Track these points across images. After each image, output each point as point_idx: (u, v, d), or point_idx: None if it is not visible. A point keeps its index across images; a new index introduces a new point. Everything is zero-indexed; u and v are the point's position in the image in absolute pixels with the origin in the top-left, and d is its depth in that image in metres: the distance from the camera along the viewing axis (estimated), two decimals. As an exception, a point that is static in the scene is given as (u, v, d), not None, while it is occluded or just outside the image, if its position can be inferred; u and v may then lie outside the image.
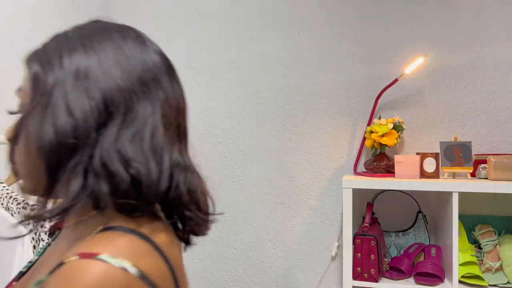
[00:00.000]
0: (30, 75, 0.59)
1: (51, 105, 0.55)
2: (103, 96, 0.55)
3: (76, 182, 0.53)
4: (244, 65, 2.15)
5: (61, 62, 0.57)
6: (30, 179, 0.61)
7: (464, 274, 1.59)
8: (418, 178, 1.69)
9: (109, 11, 2.33)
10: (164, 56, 0.67)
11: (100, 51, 0.58)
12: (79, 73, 0.56)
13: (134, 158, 0.54)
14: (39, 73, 0.57)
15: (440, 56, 1.91)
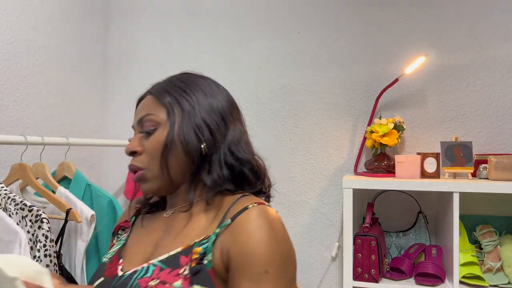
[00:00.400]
0: (163, 103, 0.88)
1: (192, 123, 0.85)
2: (220, 116, 0.88)
3: (217, 173, 0.84)
4: (244, 65, 2.14)
5: (190, 96, 0.87)
6: (159, 179, 0.86)
7: (464, 275, 1.59)
8: (418, 178, 1.68)
9: (109, 11, 2.33)
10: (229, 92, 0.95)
11: (209, 91, 0.90)
12: (203, 103, 0.87)
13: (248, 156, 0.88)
14: (172, 103, 0.87)
15: (440, 56, 1.90)
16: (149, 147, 0.86)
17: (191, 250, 0.77)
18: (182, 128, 0.84)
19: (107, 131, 2.32)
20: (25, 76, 1.77)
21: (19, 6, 1.73)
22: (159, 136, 0.85)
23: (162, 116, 0.87)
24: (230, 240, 0.76)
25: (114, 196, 1.47)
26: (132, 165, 0.87)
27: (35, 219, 1.09)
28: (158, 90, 0.91)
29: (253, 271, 0.73)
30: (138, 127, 0.91)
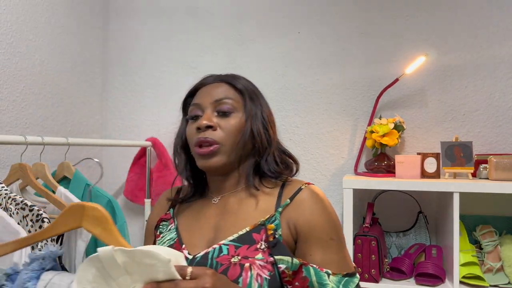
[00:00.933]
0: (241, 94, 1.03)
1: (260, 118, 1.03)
2: (273, 118, 1.10)
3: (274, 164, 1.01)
4: (244, 65, 2.14)
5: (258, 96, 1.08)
6: (229, 155, 0.97)
7: (465, 275, 1.59)
8: (419, 178, 1.68)
9: (109, 11, 2.33)
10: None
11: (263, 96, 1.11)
12: (265, 104, 1.08)
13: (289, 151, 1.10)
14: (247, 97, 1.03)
15: (441, 55, 1.90)
16: (226, 126, 0.97)
17: (261, 228, 0.91)
18: (255, 120, 1.00)
19: (107, 131, 2.32)
20: (25, 76, 1.76)
21: (19, 6, 1.73)
22: (236, 119, 0.99)
23: (240, 104, 1.01)
24: (296, 216, 0.92)
25: (113, 196, 1.47)
26: (208, 138, 0.95)
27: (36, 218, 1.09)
28: (232, 81, 1.04)
29: (321, 239, 0.90)
30: (213, 106, 0.99)
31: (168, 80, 2.24)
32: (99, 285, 0.74)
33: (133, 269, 0.73)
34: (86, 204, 0.79)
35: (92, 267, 0.74)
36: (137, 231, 2.25)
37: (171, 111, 2.23)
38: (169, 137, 2.22)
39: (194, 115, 1.01)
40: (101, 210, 0.79)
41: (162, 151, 2.15)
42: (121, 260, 0.73)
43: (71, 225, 0.81)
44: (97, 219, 0.79)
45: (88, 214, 0.79)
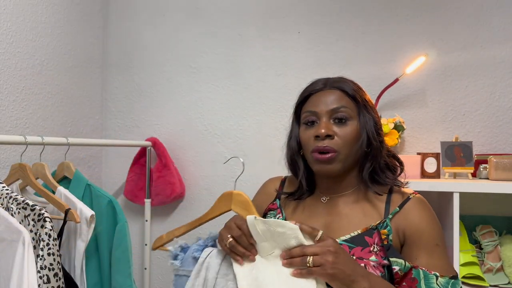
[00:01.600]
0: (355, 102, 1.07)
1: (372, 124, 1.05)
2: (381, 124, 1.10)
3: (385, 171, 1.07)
4: (244, 65, 2.14)
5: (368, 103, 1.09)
6: (345, 162, 1.03)
7: (465, 275, 1.59)
8: (419, 178, 1.68)
9: (109, 11, 2.33)
10: None
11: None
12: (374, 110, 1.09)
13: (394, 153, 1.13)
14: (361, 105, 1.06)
15: (441, 55, 1.91)
16: (344, 134, 1.03)
17: (373, 232, 1.00)
18: (370, 126, 1.05)
19: (107, 131, 2.32)
20: (25, 76, 1.76)
21: (19, 6, 1.73)
22: (352, 127, 1.04)
23: (354, 112, 1.05)
24: (404, 223, 1.00)
25: (114, 196, 1.47)
26: (327, 146, 1.02)
27: (38, 218, 1.09)
28: (344, 87, 1.08)
29: (427, 244, 0.99)
30: (329, 115, 1.05)
31: (168, 80, 2.24)
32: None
33: (269, 237, 0.93)
34: (234, 192, 1.04)
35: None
36: (137, 231, 2.25)
37: (171, 111, 2.23)
38: (169, 137, 2.22)
39: (310, 121, 1.08)
40: (244, 195, 1.03)
41: (162, 151, 2.15)
42: (260, 228, 0.93)
43: (223, 208, 1.07)
44: (242, 203, 1.03)
45: (235, 199, 1.04)
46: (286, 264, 0.90)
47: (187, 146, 2.21)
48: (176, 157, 2.20)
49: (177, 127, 2.23)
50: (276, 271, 0.92)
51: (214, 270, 1.00)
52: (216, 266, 1.00)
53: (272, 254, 0.94)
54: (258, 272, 0.93)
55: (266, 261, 0.94)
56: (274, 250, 0.93)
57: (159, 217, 2.24)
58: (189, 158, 2.21)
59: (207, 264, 1.02)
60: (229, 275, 0.99)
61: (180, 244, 1.11)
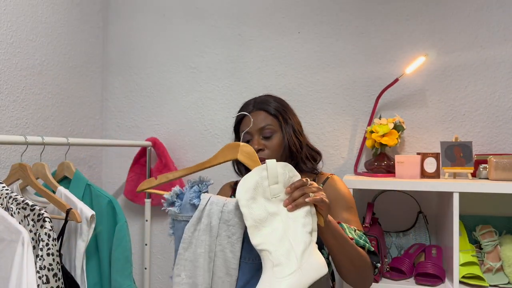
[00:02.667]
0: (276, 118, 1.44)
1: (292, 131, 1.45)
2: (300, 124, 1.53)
3: (308, 163, 1.47)
4: (244, 65, 2.14)
5: (288, 114, 1.47)
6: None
7: (464, 275, 1.59)
8: (418, 178, 1.68)
9: (109, 11, 2.33)
10: None
11: (291, 109, 1.52)
12: (294, 117, 1.49)
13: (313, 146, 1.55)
14: (281, 118, 1.44)
15: (441, 55, 1.91)
16: (271, 145, 1.40)
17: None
18: (289, 134, 1.42)
19: (107, 131, 2.32)
20: (25, 76, 1.76)
21: (19, 6, 1.73)
22: (276, 139, 1.42)
23: (276, 126, 1.43)
24: (328, 194, 1.22)
25: (114, 196, 1.47)
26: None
27: (37, 218, 1.09)
28: (267, 108, 1.44)
29: (344, 206, 1.35)
30: (258, 133, 1.41)
31: (168, 80, 2.24)
32: (258, 188, 1.05)
33: (281, 179, 1.06)
34: (241, 143, 1.13)
35: (257, 175, 1.06)
36: (137, 231, 2.26)
37: (171, 111, 2.24)
38: (169, 137, 2.22)
39: (246, 140, 1.43)
40: (250, 147, 1.13)
41: (162, 151, 2.15)
42: (279, 171, 1.06)
43: (228, 157, 1.14)
44: (248, 153, 1.13)
45: (242, 150, 1.13)
46: (292, 208, 1.04)
47: (187, 146, 2.21)
48: (176, 157, 2.20)
49: (177, 127, 2.23)
50: (279, 210, 1.05)
51: (217, 217, 1.08)
52: (218, 213, 1.08)
53: (278, 197, 1.06)
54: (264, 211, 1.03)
55: (271, 203, 1.05)
56: (280, 193, 1.06)
57: (159, 217, 2.24)
58: (189, 158, 2.21)
59: (208, 211, 1.09)
60: (230, 221, 1.07)
61: (175, 190, 1.14)
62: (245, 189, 1.04)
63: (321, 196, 1.06)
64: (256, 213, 1.02)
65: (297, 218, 1.03)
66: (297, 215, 1.04)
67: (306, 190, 1.05)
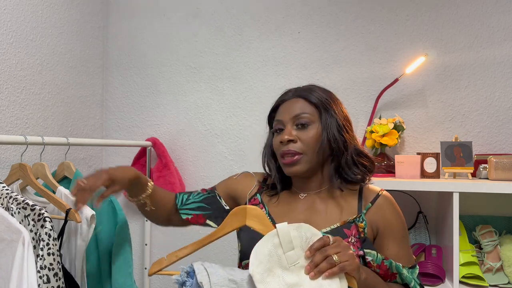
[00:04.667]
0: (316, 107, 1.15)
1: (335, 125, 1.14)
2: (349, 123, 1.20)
3: (354, 169, 1.15)
4: (244, 65, 2.14)
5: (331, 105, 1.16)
6: (310, 162, 1.12)
7: (464, 275, 1.59)
8: (418, 178, 1.68)
9: (109, 11, 2.33)
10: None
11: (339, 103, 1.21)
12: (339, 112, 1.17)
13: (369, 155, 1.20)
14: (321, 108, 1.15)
15: (441, 56, 1.91)
16: (305, 138, 1.12)
17: (351, 225, 1.10)
18: (331, 127, 1.13)
19: (107, 131, 2.32)
20: (25, 76, 1.76)
21: (19, 6, 1.73)
22: (313, 130, 1.13)
23: (315, 116, 1.15)
24: (378, 218, 1.12)
25: (114, 196, 1.47)
26: (291, 150, 1.11)
27: (38, 218, 1.09)
28: (307, 95, 1.17)
29: (397, 236, 1.13)
30: (292, 122, 1.15)
31: (168, 80, 2.24)
32: (272, 257, 0.93)
33: (298, 244, 0.93)
34: (248, 207, 1.02)
35: (269, 242, 0.94)
36: (137, 231, 2.26)
37: (171, 111, 2.24)
38: (169, 137, 2.22)
39: (277, 128, 1.18)
40: (258, 209, 1.02)
41: (162, 151, 2.15)
42: (293, 234, 0.93)
43: (236, 224, 1.03)
44: (257, 217, 1.01)
45: (250, 213, 1.01)
46: (315, 275, 0.91)
47: (187, 146, 2.21)
48: (176, 157, 2.20)
49: (177, 127, 2.23)
50: (301, 280, 0.92)
51: None
52: None
53: (297, 264, 0.93)
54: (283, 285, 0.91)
55: (290, 273, 0.92)
56: (299, 259, 0.93)
57: (159, 217, 2.24)
58: (189, 158, 2.21)
59: None
60: None
61: (185, 269, 1.02)
62: (258, 260, 0.92)
63: (348, 259, 0.92)
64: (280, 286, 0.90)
65: (324, 287, 0.90)
66: (323, 284, 0.91)
67: (330, 251, 0.91)
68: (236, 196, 1.27)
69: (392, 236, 1.13)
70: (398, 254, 1.12)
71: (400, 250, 1.13)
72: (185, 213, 1.26)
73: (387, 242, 1.12)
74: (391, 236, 1.13)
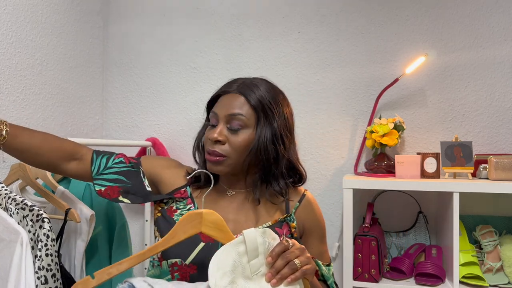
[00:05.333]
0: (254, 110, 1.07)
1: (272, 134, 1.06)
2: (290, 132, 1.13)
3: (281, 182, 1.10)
4: (244, 65, 2.14)
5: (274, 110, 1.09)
6: (233, 167, 1.07)
7: (464, 275, 1.59)
8: (418, 178, 1.68)
9: (109, 11, 2.33)
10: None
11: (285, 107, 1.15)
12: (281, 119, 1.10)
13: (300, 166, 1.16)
14: (261, 112, 1.06)
15: (441, 55, 1.90)
16: (234, 142, 1.05)
17: (282, 224, 1.09)
18: (265, 137, 1.05)
19: (107, 131, 2.32)
20: (25, 76, 1.76)
21: (19, 6, 1.73)
22: (245, 135, 1.06)
23: (251, 120, 1.06)
24: (305, 217, 1.13)
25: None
26: (216, 151, 1.05)
27: (36, 218, 1.09)
28: (250, 94, 1.08)
29: (319, 234, 1.15)
30: (226, 120, 1.06)
31: (168, 80, 2.24)
32: (237, 268, 0.86)
33: (261, 250, 0.88)
34: (204, 211, 0.91)
35: (233, 251, 0.87)
36: (137, 231, 2.25)
37: (171, 111, 2.24)
38: (169, 137, 2.22)
39: (211, 124, 1.10)
40: (216, 214, 0.91)
41: (162, 151, 2.15)
42: (259, 241, 0.87)
43: (190, 232, 0.91)
44: (214, 223, 0.91)
45: (206, 219, 0.91)
46: (277, 282, 0.86)
47: (187, 146, 2.21)
48: (176, 157, 2.20)
49: (177, 127, 2.23)
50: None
51: None
52: None
53: (258, 273, 0.87)
54: None
55: (252, 282, 0.87)
56: (261, 268, 0.87)
57: (159, 217, 2.24)
58: (189, 158, 2.19)
59: None
60: None
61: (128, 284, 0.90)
62: (221, 272, 0.85)
63: (308, 263, 0.90)
64: None
65: None
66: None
67: (290, 256, 0.87)
68: (158, 182, 1.18)
69: (316, 234, 1.14)
70: (321, 252, 1.15)
71: (322, 248, 1.16)
72: (100, 183, 1.12)
73: (311, 240, 1.14)
74: (316, 235, 1.14)
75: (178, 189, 1.16)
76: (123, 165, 1.17)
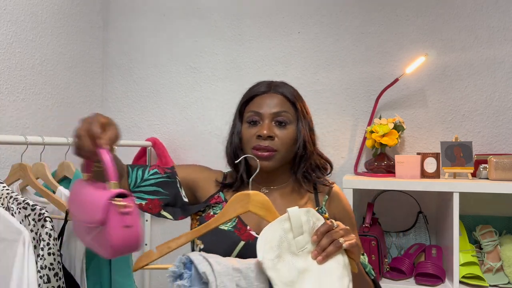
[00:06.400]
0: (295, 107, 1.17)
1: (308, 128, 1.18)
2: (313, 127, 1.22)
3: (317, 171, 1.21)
4: (244, 65, 2.14)
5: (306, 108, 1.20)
6: (281, 161, 1.13)
7: (464, 275, 1.59)
8: (418, 178, 1.68)
9: (109, 11, 2.33)
10: None
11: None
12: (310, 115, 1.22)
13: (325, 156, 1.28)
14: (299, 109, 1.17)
15: (441, 55, 1.91)
16: (283, 136, 1.13)
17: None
18: (305, 130, 1.16)
19: (107, 131, 2.31)
20: (25, 76, 1.76)
21: (19, 6, 1.73)
22: (290, 130, 1.14)
23: (293, 117, 1.15)
24: (335, 208, 1.18)
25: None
26: (269, 146, 1.10)
27: (38, 218, 1.09)
28: (286, 93, 1.18)
29: (350, 224, 1.07)
30: (271, 118, 1.14)
31: (168, 80, 2.24)
32: (283, 244, 0.90)
33: (306, 229, 0.92)
34: (251, 192, 0.96)
35: (279, 227, 0.91)
36: (137, 231, 2.25)
37: (171, 111, 2.24)
38: (169, 137, 2.22)
39: (253, 120, 1.15)
40: (262, 195, 0.96)
41: (162, 151, 2.15)
42: (303, 219, 0.92)
43: (239, 210, 0.97)
44: (261, 203, 0.96)
45: (254, 199, 0.96)
46: (323, 259, 0.91)
47: (187, 146, 2.21)
48: (176, 157, 2.20)
49: (177, 127, 2.23)
50: (308, 265, 0.91)
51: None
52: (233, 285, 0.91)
53: (305, 249, 0.92)
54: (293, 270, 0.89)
55: (298, 258, 0.91)
56: (307, 245, 0.92)
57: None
58: (189, 158, 2.21)
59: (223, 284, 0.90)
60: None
61: (182, 259, 0.93)
62: (268, 246, 0.89)
63: (353, 239, 0.94)
64: (285, 274, 0.88)
65: (332, 271, 0.90)
66: (330, 267, 0.90)
67: (334, 235, 0.92)
68: (196, 188, 1.20)
69: (349, 224, 1.12)
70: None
71: (355, 236, 1.15)
72: (140, 196, 1.11)
73: None
74: (348, 224, 1.12)
75: (212, 196, 1.18)
76: (159, 176, 1.15)
